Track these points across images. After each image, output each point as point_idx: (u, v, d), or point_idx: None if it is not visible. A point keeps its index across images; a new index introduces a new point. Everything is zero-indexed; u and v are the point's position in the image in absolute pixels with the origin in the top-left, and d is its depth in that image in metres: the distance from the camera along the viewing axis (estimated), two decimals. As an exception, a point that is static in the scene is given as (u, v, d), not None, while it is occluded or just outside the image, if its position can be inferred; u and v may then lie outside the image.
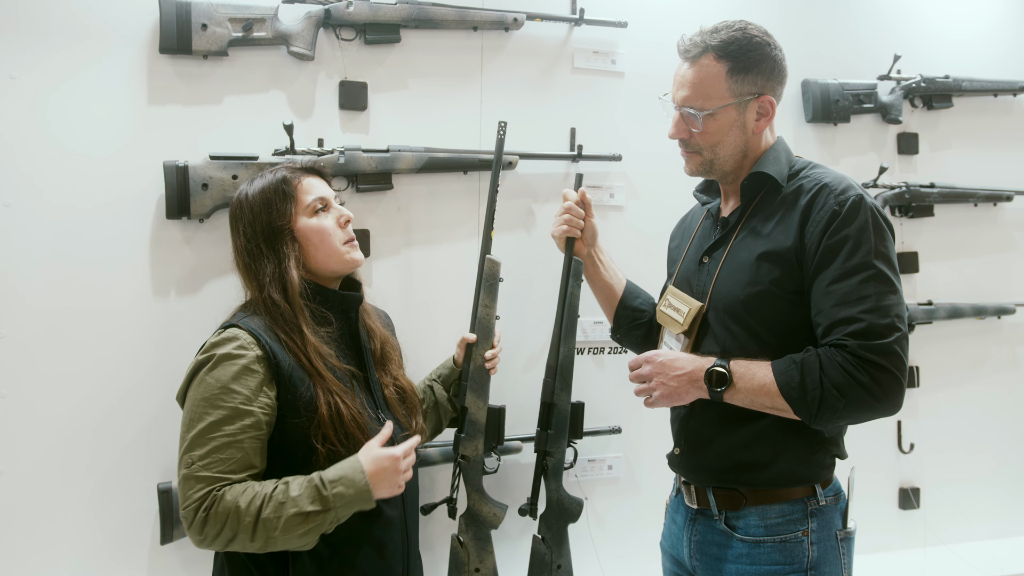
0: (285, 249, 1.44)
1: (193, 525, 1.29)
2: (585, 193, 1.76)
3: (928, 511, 2.55)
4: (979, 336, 2.64)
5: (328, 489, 1.31)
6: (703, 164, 1.51)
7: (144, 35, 1.80)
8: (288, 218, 1.45)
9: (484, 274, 1.78)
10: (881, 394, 1.28)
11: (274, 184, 1.47)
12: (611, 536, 2.20)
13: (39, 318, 1.73)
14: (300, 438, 1.37)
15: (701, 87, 1.45)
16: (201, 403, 1.33)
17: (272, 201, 1.46)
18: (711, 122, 1.45)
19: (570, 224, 1.75)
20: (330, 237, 1.48)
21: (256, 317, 1.41)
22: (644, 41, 2.22)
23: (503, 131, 1.85)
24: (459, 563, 1.79)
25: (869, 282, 1.31)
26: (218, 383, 1.32)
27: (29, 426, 1.72)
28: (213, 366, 1.34)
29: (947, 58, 2.60)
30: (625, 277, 1.85)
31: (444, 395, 1.82)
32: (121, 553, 1.78)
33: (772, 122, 1.50)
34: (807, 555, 1.40)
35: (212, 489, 1.29)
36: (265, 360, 1.36)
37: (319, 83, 1.94)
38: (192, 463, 1.30)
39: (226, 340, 1.36)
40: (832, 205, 1.35)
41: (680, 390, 1.44)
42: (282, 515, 1.28)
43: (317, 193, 1.49)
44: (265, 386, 1.35)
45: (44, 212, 1.74)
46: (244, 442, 1.32)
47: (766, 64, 1.45)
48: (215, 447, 1.30)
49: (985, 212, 2.66)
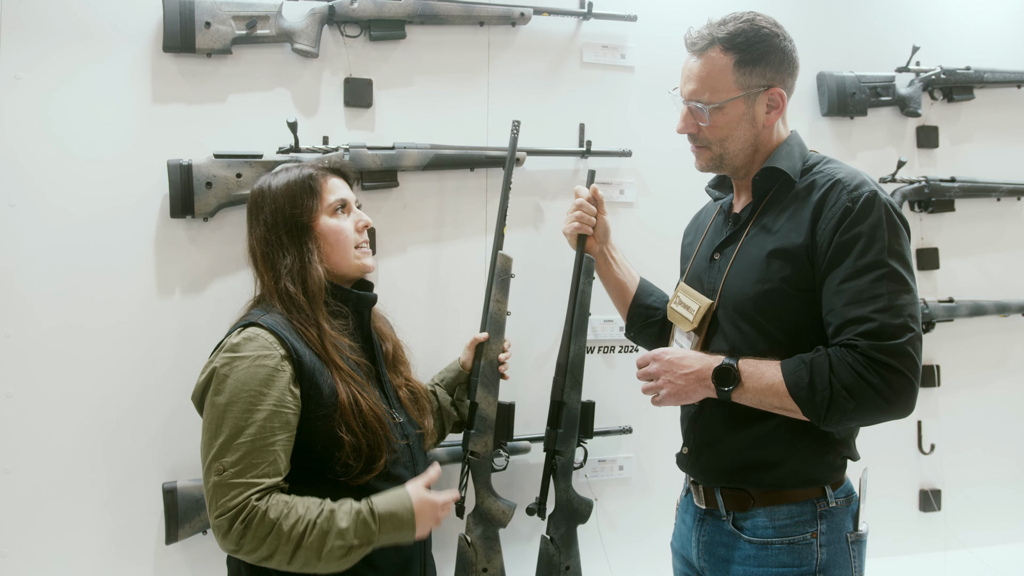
0: (310, 244, 1.45)
1: (230, 535, 1.26)
2: (597, 190, 1.76)
3: (949, 514, 2.50)
4: (1002, 334, 2.58)
5: (376, 525, 1.32)
6: (713, 159, 1.49)
7: (147, 34, 1.79)
8: (312, 214, 1.47)
9: (496, 270, 1.79)
10: (892, 396, 1.24)
11: (300, 179, 1.48)
12: (622, 538, 2.17)
13: (44, 318, 1.73)
14: (325, 430, 1.36)
15: (708, 80, 1.42)
16: (229, 407, 1.30)
17: (297, 195, 1.47)
18: (719, 115, 1.43)
19: (582, 221, 1.75)
20: (346, 239, 1.49)
21: (274, 313, 1.41)
22: (654, 35, 2.19)
23: (516, 130, 1.86)
24: (466, 563, 1.77)
25: (882, 281, 1.27)
26: (246, 387, 1.30)
27: (34, 426, 1.72)
28: (239, 368, 1.31)
29: (968, 49, 2.54)
30: (639, 275, 1.84)
31: (447, 399, 1.81)
32: (126, 553, 1.77)
33: (784, 116, 1.47)
34: (816, 557, 1.37)
35: (249, 497, 1.26)
36: (289, 359, 1.35)
37: (324, 80, 1.93)
38: (224, 470, 1.28)
39: (247, 340, 1.34)
40: (845, 201, 1.32)
41: (688, 389, 1.42)
42: (325, 546, 1.28)
43: (339, 194, 1.51)
44: (292, 385, 1.34)
45: (48, 212, 1.74)
46: (276, 445, 1.30)
47: (775, 55, 1.41)
48: (247, 452, 1.28)
49: (1008, 207, 2.60)
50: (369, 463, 1.38)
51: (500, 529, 1.79)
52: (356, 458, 1.36)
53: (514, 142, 1.86)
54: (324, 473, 1.37)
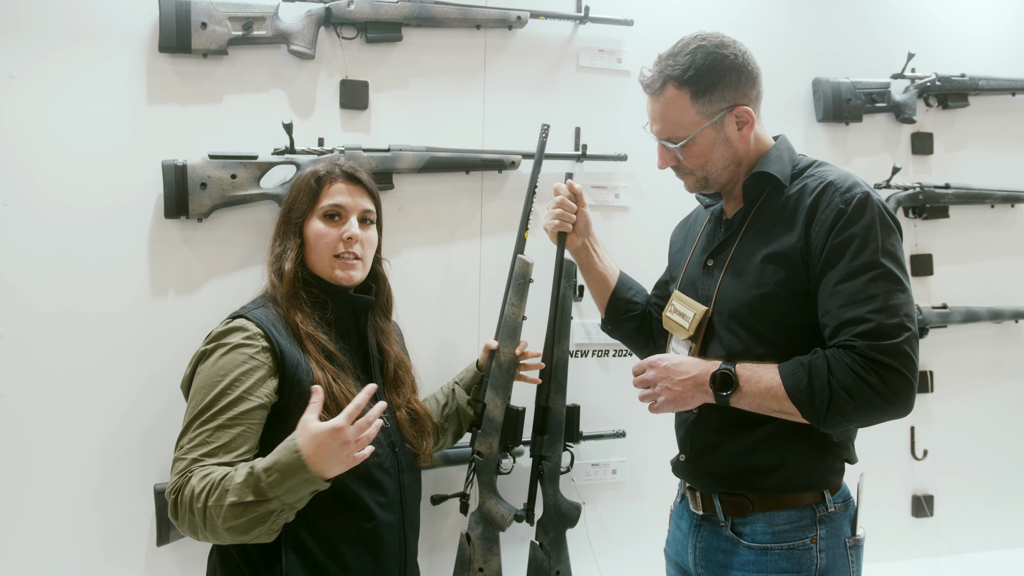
0: (294, 240, 1.48)
1: (173, 512, 1.27)
2: (573, 184, 1.75)
3: (942, 519, 2.50)
4: (996, 340, 2.59)
5: (264, 478, 1.21)
6: (699, 182, 1.51)
7: (143, 34, 1.79)
8: (304, 213, 1.49)
9: (515, 273, 1.78)
10: (891, 396, 1.24)
11: (307, 177, 1.52)
12: (614, 542, 2.17)
13: (37, 317, 1.72)
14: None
15: (671, 118, 1.44)
16: (201, 390, 1.33)
17: (300, 191, 1.51)
18: (692, 148, 1.45)
19: (562, 219, 1.73)
20: (324, 245, 1.48)
21: (265, 309, 1.44)
22: (650, 39, 2.16)
23: (545, 134, 1.85)
24: (465, 560, 1.78)
25: (877, 281, 1.28)
26: (220, 372, 1.33)
27: (26, 426, 1.71)
28: (218, 355, 1.35)
29: (963, 56, 2.54)
30: (619, 269, 1.84)
31: (465, 397, 1.81)
32: (117, 554, 1.76)
33: (761, 124, 1.48)
34: (815, 563, 1.37)
35: (186, 470, 1.27)
36: (270, 351, 1.37)
37: (320, 82, 1.93)
38: (181, 447, 1.31)
39: (232, 330, 1.38)
40: (838, 203, 1.32)
41: (685, 395, 1.41)
42: (223, 504, 1.21)
43: (335, 200, 1.50)
44: (270, 377, 1.35)
45: (43, 211, 1.73)
46: (235, 428, 1.30)
47: (729, 76, 1.41)
48: (204, 431, 1.30)
49: (1002, 214, 2.60)
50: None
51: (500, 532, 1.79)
52: None
53: (542, 145, 1.84)
54: None
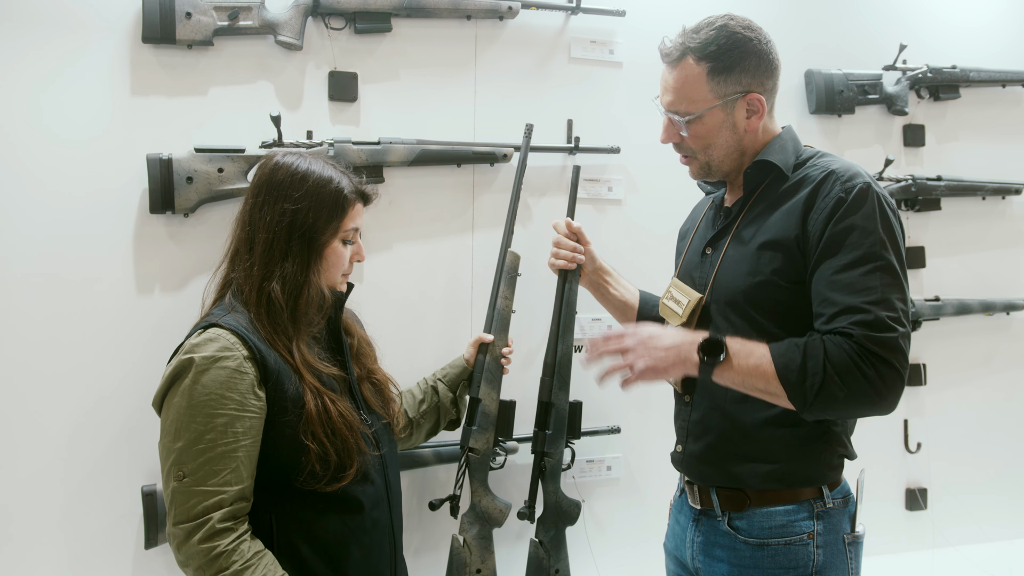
0: (316, 262, 1.39)
1: (185, 547, 1.22)
2: (571, 223, 1.76)
3: (936, 512, 2.50)
4: (988, 333, 2.59)
5: None
6: (702, 168, 1.49)
7: (126, 24, 1.75)
8: (330, 234, 1.41)
9: (505, 267, 1.79)
10: (884, 390, 1.22)
11: (333, 193, 1.40)
12: (610, 539, 2.15)
13: (19, 315, 1.68)
14: (289, 436, 1.31)
15: (683, 91, 1.41)
16: (189, 411, 1.25)
17: (324, 208, 1.39)
18: (698, 126, 1.42)
19: (565, 259, 1.75)
20: (339, 267, 1.45)
21: (236, 314, 1.35)
22: (643, 30, 2.17)
23: (529, 134, 1.88)
24: (460, 564, 1.74)
25: (875, 273, 1.26)
26: (206, 390, 1.25)
27: (10, 427, 1.67)
28: (199, 371, 1.26)
29: (954, 48, 2.54)
30: (636, 288, 1.82)
31: (448, 396, 1.77)
32: (105, 557, 1.73)
33: (772, 115, 1.46)
34: (812, 559, 1.36)
35: (210, 511, 1.23)
36: (253, 360, 1.29)
37: (308, 74, 1.89)
38: (184, 476, 1.23)
39: (208, 341, 1.29)
40: (838, 192, 1.30)
41: (667, 360, 1.32)
42: None
43: (356, 224, 1.46)
44: (256, 388, 1.29)
45: (23, 206, 1.68)
46: (238, 451, 1.26)
47: (750, 60, 1.39)
48: (207, 459, 1.24)
49: (993, 206, 2.61)
50: (338, 471, 1.33)
51: (495, 529, 1.76)
52: (324, 467, 1.31)
53: (526, 145, 1.88)
54: (291, 481, 1.32)
